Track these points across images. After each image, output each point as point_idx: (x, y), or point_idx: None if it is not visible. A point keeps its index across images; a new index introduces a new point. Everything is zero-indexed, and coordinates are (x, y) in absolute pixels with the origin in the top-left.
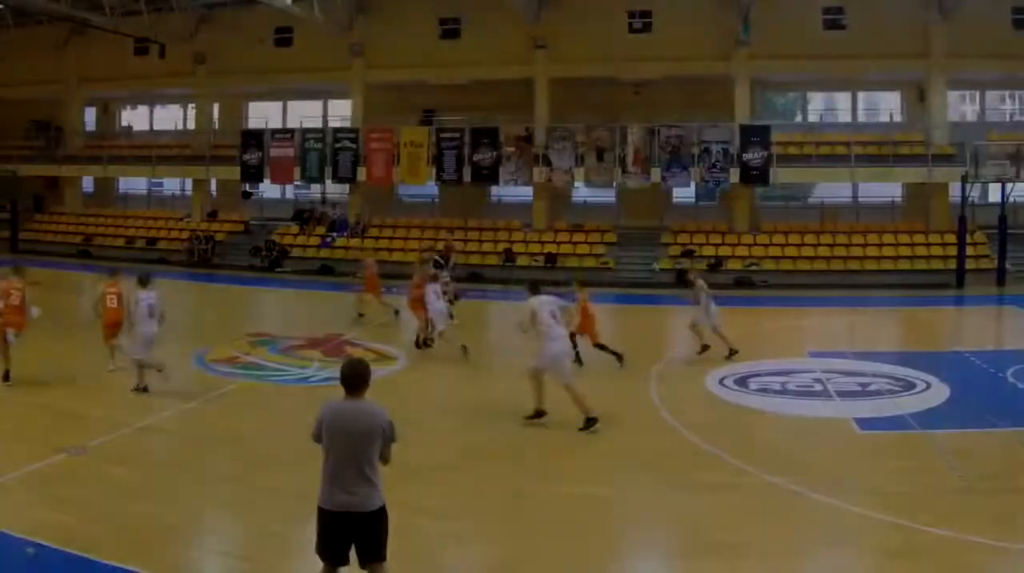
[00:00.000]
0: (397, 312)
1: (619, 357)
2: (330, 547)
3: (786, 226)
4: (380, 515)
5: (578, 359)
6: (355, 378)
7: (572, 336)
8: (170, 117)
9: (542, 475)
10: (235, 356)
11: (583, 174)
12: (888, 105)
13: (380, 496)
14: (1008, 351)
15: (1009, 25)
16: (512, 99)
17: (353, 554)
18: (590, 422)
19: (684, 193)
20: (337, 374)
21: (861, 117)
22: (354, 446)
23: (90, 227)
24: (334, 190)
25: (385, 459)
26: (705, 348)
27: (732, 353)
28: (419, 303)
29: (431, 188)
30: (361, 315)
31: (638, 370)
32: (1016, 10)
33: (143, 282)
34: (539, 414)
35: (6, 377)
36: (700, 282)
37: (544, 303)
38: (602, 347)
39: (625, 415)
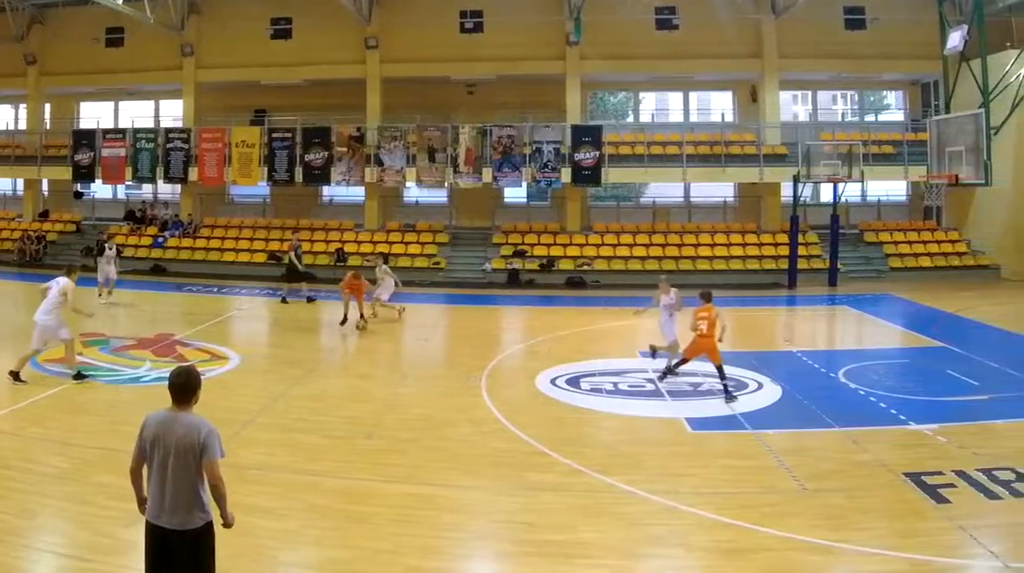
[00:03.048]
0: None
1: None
2: (151, 561)
3: (618, 226)
4: (201, 534)
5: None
6: (184, 388)
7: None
8: (1, 117)
9: (374, 475)
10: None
11: (415, 174)
12: (720, 105)
13: (204, 514)
14: (840, 351)
15: (841, 26)
16: (344, 99)
17: None
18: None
19: (516, 193)
20: (168, 374)
21: (693, 117)
22: (175, 461)
23: None
24: (166, 190)
25: (206, 476)
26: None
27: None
28: None
29: (263, 188)
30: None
31: (470, 370)
32: (848, 10)
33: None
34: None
35: None
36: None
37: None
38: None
39: (457, 415)
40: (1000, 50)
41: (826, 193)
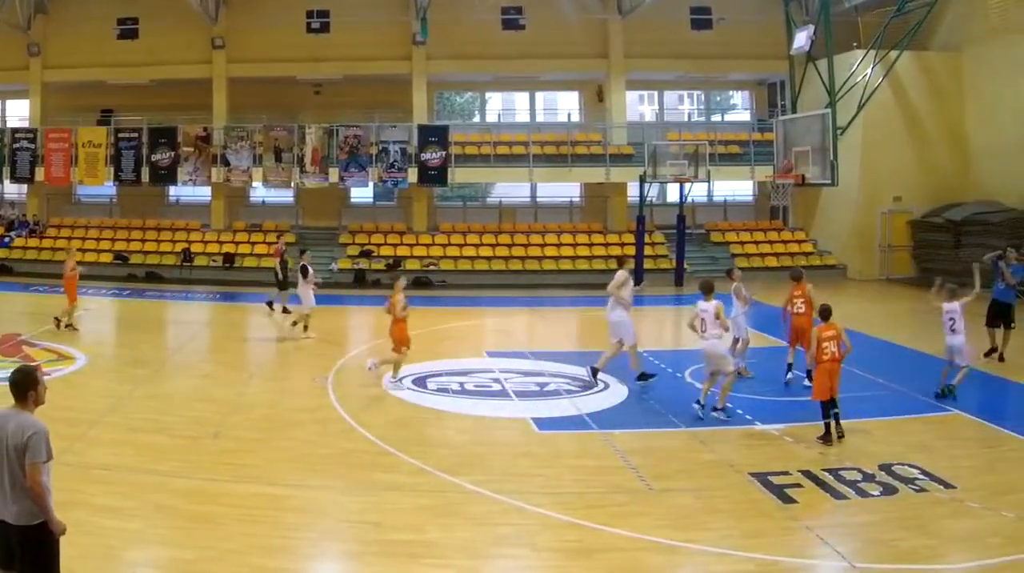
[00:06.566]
0: None
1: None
2: (0, 555)
3: (464, 226)
4: (35, 532)
5: None
6: (17, 386)
7: None
8: None
9: (221, 475)
10: None
11: (261, 174)
12: (567, 105)
13: (37, 513)
14: (686, 351)
15: (687, 26)
16: (191, 99)
17: None
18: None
19: (362, 193)
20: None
21: (540, 117)
22: (7, 458)
23: None
24: (12, 190)
25: (29, 478)
26: None
27: None
28: None
29: (109, 188)
30: None
31: (316, 370)
32: (694, 10)
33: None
34: None
35: None
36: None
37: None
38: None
39: (304, 416)
40: (847, 50)
41: (672, 193)
